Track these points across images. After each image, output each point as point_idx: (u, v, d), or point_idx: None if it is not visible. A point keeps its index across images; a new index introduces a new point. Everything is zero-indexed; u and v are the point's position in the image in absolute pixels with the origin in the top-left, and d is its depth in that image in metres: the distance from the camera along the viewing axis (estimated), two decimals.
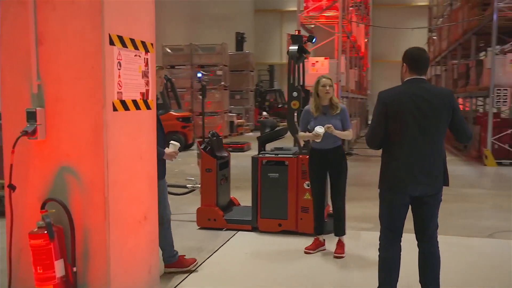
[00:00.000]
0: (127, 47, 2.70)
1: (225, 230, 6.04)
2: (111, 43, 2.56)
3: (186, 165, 11.60)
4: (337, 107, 5.03)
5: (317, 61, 12.51)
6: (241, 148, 14.78)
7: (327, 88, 4.97)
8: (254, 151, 15.56)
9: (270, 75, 31.14)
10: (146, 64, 2.92)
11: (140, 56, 2.85)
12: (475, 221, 6.44)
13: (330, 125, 4.80)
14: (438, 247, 3.58)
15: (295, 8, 36.32)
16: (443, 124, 3.39)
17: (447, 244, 3.52)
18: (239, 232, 5.97)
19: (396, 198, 3.42)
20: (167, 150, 4.37)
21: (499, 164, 11.77)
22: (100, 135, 2.53)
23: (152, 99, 3.00)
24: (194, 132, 18.05)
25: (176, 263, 4.52)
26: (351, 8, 14.98)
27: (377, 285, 3.66)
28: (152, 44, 2.98)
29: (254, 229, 5.97)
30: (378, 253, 3.69)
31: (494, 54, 11.75)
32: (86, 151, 2.56)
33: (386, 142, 3.40)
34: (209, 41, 20.81)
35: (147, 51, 2.93)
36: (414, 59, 3.40)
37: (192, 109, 19.39)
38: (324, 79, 5.02)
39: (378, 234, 6.05)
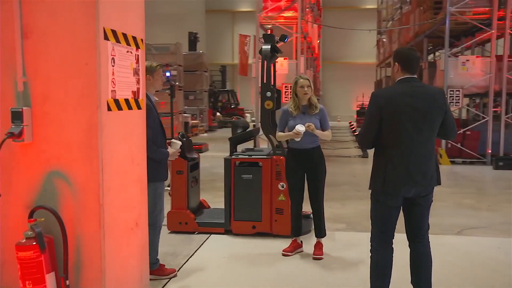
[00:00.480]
0: (120, 43, 2.52)
1: (197, 233, 5.88)
2: (106, 37, 2.37)
3: None
4: (316, 106, 4.99)
5: (276, 62, 12.46)
6: (199, 149, 14.55)
7: (305, 89, 4.92)
8: (212, 152, 15.49)
9: (222, 75, 31.00)
10: (137, 61, 2.74)
11: (131, 53, 2.67)
12: (442, 219, 6.58)
13: (311, 124, 4.75)
14: (430, 247, 3.59)
15: (247, 9, 36.42)
16: (437, 123, 3.41)
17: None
18: (212, 235, 5.83)
19: (391, 200, 3.40)
20: (170, 150, 4.22)
21: (452, 162, 12.17)
22: (94, 137, 2.34)
23: (142, 98, 2.83)
24: None
25: (156, 271, 4.34)
26: (307, 9, 15.09)
27: (363, 285, 3.63)
28: (142, 40, 2.81)
29: (227, 232, 5.85)
30: (357, 253, 3.67)
31: (447, 56, 12.12)
32: (78, 154, 2.36)
33: (381, 143, 3.37)
34: (162, 41, 20.41)
35: (137, 47, 2.76)
36: (407, 59, 3.39)
37: None
38: (302, 80, 4.96)
39: (352, 234, 6.14)
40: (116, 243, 2.53)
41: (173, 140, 4.22)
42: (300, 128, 4.71)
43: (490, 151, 12.03)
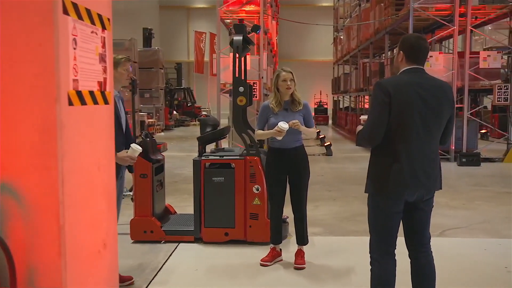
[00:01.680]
0: (83, 20, 2.00)
1: (164, 242, 5.34)
2: (65, 11, 1.85)
3: None
4: (299, 102, 4.56)
5: (248, 54, 11.99)
6: (157, 149, 13.86)
7: (288, 82, 4.48)
8: (172, 152, 14.84)
9: (177, 73, 30.25)
10: (104, 45, 2.22)
11: (97, 34, 2.15)
12: None
13: (296, 121, 4.33)
14: (433, 257, 3.24)
15: (202, 5, 35.76)
16: (445, 122, 3.06)
17: (404, 245, 3.22)
18: (181, 244, 5.31)
19: (393, 205, 3.01)
20: (120, 154, 3.65)
21: None
22: (52, 139, 1.81)
23: (110, 91, 2.30)
24: None
25: None
26: (268, 4, 14.69)
27: None
28: (109, 20, 2.29)
29: (197, 240, 5.35)
30: (342, 260, 3.26)
31: None
32: (31, 161, 1.83)
33: (384, 140, 2.96)
34: (115, 37, 19.55)
35: (104, 27, 2.23)
36: (415, 48, 3.00)
37: None
38: (284, 73, 4.51)
39: (332, 239, 5.76)
40: (81, 272, 2.02)
41: (132, 144, 3.69)
42: (284, 125, 4.28)
43: (453, 148, 12.00)
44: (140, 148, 3.71)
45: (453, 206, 7.21)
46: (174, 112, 26.39)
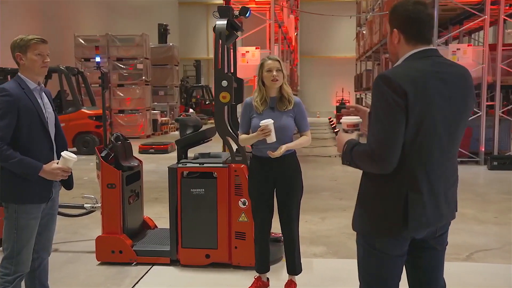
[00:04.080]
0: None
1: (135, 264, 4.54)
2: None
3: None
4: (289, 100, 3.66)
5: (247, 51, 11.16)
6: (164, 149, 13.16)
7: (274, 73, 3.58)
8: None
9: (196, 70, 29.59)
10: None
11: None
12: None
13: (281, 149, 3.47)
14: None
15: (221, 1, 35.12)
16: (467, 122, 2.16)
17: None
18: (154, 267, 4.50)
19: (395, 245, 2.11)
20: (48, 166, 2.83)
21: None
22: None
23: None
24: (111, 133, 16.17)
25: None
26: None
27: None
28: None
29: (174, 262, 4.52)
30: None
31: (436, 45, 10.92)
32: None
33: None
34: (128, 32, 18.92)
35: None
36: (416, 20, 2.07)
37: (110, 106, 17.49)
38: (270, 61, 3.62)
39: (335, 262, 4.79)
40: None
41: (64, 153, 2.85)
42: (266, 121, 3.41)
43: (483, 149, 10.90)
44: (75, 156, 2.89)
45: (482, 219, 6.21)
46: (191, 110, 25.69)
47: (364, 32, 23.66)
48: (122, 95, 17.69)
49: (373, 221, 2.12)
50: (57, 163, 2.88)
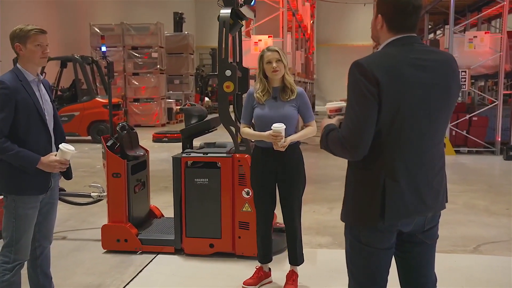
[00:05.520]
0: None
1: (140, 253, 4.57)
2: None
3: None
4: (292, 90, 3.62)
5: (260, 40, 11.13)
6: (178, 138, 13.13)
7: (274, 64, 3.54)
8: (194, 141, 14.10)
9: (213, 59, 29.50)
10: None
11: None
12: (452, 229, 5.28)
13: (279, 132, 3.42)
14: None
15: None
16: (452, 109, 2.12)
17: None
18: (158, 256, 4.53)
19: (381, 238, 2.08)
20: (45, 158, 2.85)
21: (457, 152, 10.87)
22: None
23: None
24: (126, 122, 16.24)
25: None
26: None
27: None
28: None
29: (178, 251, 4.54)
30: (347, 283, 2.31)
31: (453, 32, 10.71)
32: None
33: (370, 148, 2.01)
34: (143, 22, 18.94)
35: None
36: (400, 7, 2.02)
37: (125, 95, 17.61)
38: (269, 53, 3.57)
39: (339, 252, 4.76)
40: None
41: (61, 145, 2.86)
42: (279, 126, 3.39)
43: (499, 139, 10.72)
44: (72, 148, 2.90)
45: (494, 211, 6.11)
46: (206, 99, 25.70)
47: None
48: (137, 83, 17.76)
49: (354, 210, 2.11)
50: (55, 155, 2.89)
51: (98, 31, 17.43)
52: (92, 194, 5.20)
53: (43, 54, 2.86)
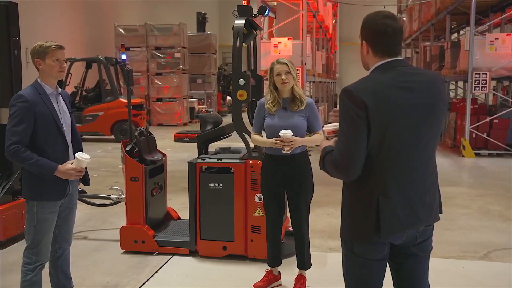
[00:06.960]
0: None
1: (156, 254, 4.76)
2: None
3: None
4: (301, 101, 3.75)
5: (280, 42, 11.22)
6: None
7: (283, 76, 3.68)
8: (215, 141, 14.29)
9: None
10: None
11: None
12: (463, 234, 5.33)
13: (289, 135, 3.56)
14: None
15: None
16: (442, 125, 2.22)
17: (433, 271, 2.39)
18: (174, 257, 4.70)
19: (373, 249, 2.20)
20: (62, 167, 3.05)
21: (477, 154, 10.81)
22: None
23: None
24: (149, 121, 16.57)
25: None
26: None
27: None
28: None
29: (193, 253, 4.71)
30: None
31: (473, 34, 10.65)
32: None
33: (363, 169, 2.13)
34: (166, 22, 19.23)
35: None
36: (381, 33, 2.13)
37: (148, 94, 17.93)
38: (278, 65, 3.72)
39: None
40: None
41: (78, 154, 3.05)
42: (285, 132, 3.54)
43: None
44: (88, 157, 3.08)
45: (508, 216, 6.12)
46: (229, 98, 25.93)
47: (404, 19, 23.17)
48: (160, 83, 18.06)
49: (350, 226, 2.22)
50: (72, 164, 3.08)
51: (123, 31, 17.79)
52: (111, 196, 5.42)
53: (61, 68, 3.06)
